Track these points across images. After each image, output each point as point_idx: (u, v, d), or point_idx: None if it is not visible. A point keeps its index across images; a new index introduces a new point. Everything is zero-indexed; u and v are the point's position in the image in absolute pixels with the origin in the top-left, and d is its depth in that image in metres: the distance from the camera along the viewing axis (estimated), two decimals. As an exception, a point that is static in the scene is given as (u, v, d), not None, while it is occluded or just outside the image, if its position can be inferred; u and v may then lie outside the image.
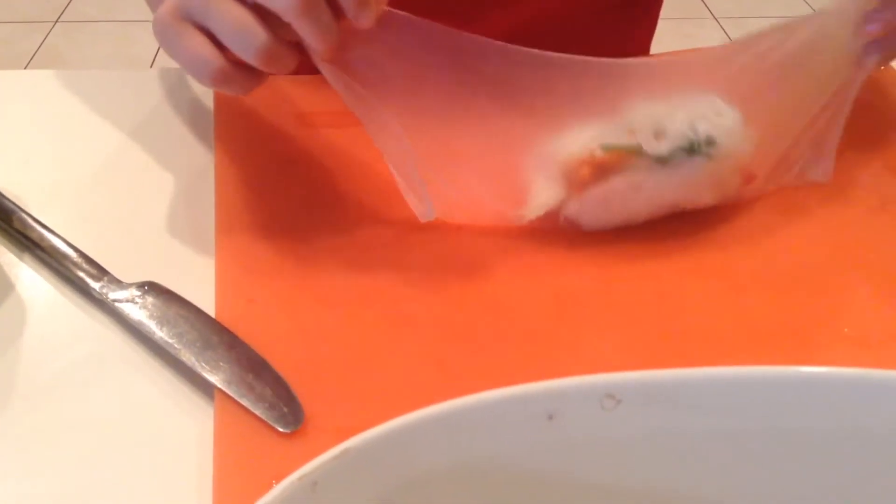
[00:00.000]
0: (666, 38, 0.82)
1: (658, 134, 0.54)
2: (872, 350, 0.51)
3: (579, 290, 0.54)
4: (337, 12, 0.49)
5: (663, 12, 0.86)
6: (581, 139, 0.54)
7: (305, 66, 0.52)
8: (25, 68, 2.22)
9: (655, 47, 0.86)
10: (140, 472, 0.45)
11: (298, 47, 0.50)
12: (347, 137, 0.64)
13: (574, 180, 0.55)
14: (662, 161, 0.53)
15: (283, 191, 0.60)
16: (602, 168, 0.54)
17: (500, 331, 0.52)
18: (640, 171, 0.53)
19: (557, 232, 0.57)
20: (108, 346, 0.51)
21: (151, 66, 2.20)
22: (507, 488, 0.34)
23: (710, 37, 2.40)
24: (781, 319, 0.53)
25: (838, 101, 0.59)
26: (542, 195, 0.56)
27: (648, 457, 0.34)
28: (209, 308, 0.52)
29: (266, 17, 0.49)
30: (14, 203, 0.58)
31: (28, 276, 0.55)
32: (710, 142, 0.54)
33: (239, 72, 0.50)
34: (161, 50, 0.57)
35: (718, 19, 2.50)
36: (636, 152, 0.53)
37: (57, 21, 2.43)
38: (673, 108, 0.55)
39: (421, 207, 0.54)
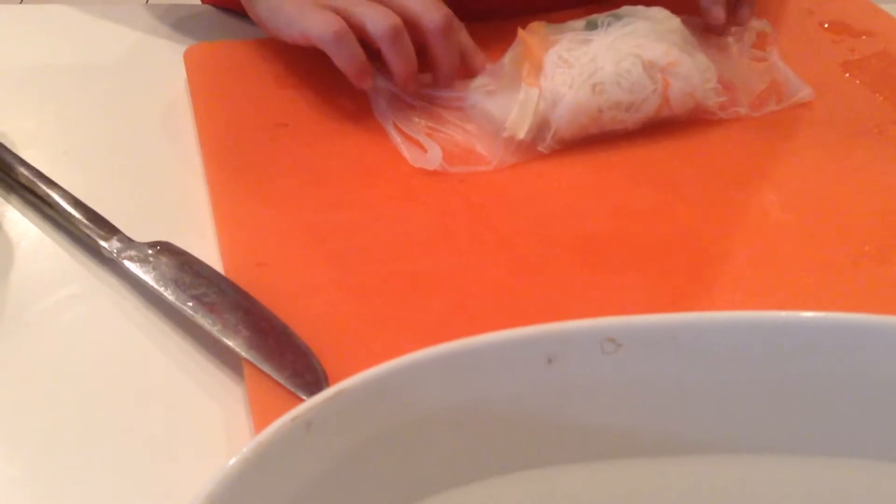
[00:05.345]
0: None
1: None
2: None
3: (580, 233, 0.54)
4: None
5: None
6: None
7: None
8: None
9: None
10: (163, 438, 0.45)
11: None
12: (333, 98, 0.64)
13: (533, 69, 0.59)
14: (592, 25, 0.60)
15: (276, 155, 0.60)
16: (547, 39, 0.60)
17: (516, 276, 0.51)
18: (581, 32, 0.60)
19: (556, 170, 0.58)
20: (120, 307, 0.50)
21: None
22: (504, 431, 0.33)
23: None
24: (784, 265, 0.52)
25: None
26: (519, 101, 0.59)
27: (649, 401, 0.33)
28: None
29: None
30: (17, 156, 0.57)
31: (31, 232, 0.55)
32: (629, 12, 0.61)
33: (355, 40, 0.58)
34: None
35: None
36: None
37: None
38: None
39: (422, 157, 0.58)
